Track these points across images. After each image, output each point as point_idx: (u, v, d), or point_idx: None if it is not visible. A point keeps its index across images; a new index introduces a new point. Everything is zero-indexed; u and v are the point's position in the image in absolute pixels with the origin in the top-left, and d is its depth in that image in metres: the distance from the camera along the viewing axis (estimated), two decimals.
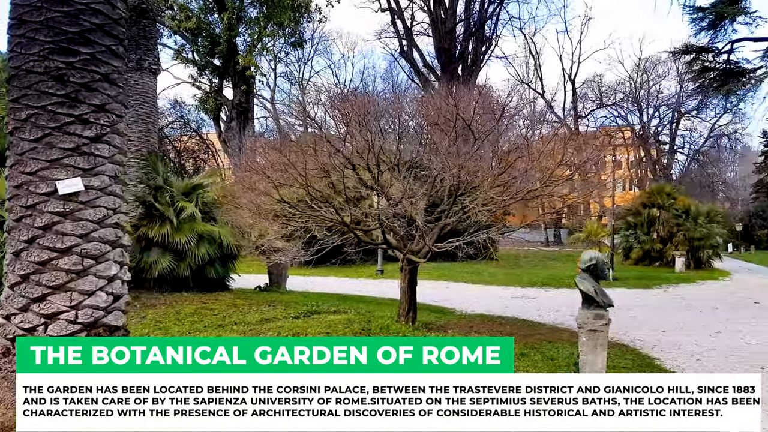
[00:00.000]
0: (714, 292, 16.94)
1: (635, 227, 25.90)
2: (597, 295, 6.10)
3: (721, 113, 51.27)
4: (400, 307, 9.27)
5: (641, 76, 52.64)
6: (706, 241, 23.71)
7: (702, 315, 12.23)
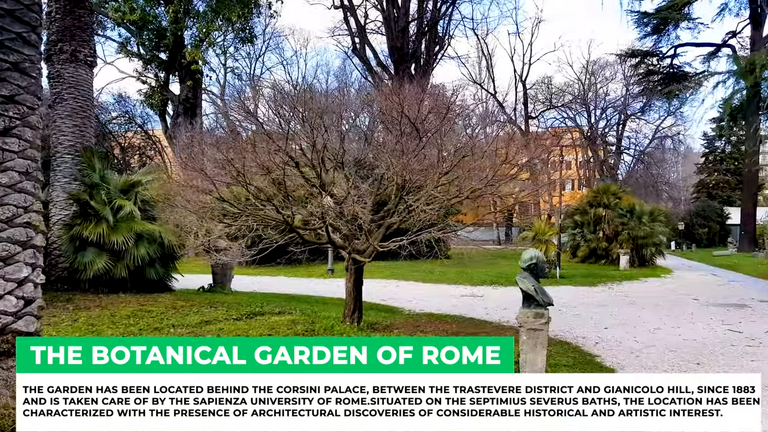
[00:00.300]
0: (656, 289, 17.39)
1: (582, 226, 26.46)
2: (537, 294, 6.10)
3: (665, 115, 53.27)
4: (345, 308, 9.11)
5: (589, 78, 54.09)
6: (649, 240, 24.40)
7: (643, 312, 12.49)
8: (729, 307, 13.17)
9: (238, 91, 22.60)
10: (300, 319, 9.37)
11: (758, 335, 9.74)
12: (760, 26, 37.33)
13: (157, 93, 29.76)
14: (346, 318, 8.95)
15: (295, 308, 10.65)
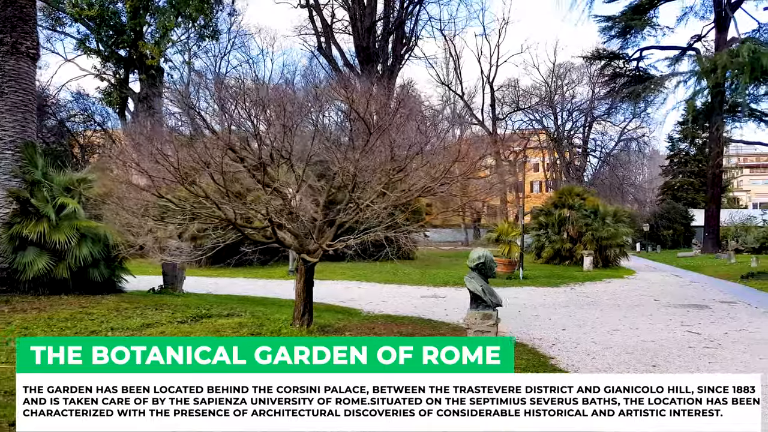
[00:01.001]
0: (618, 290, 17.41)
1: (547, 227, 26.51)
2: (485, 295, 5.87)
3: (630, 118, 53.93)
4: (295, 310, 8.77)
5: (556, 81, 54.53)
6: (613, 240, 24.54)
7: (603, 313, 12.42)
8: (689, 308, 13.18)
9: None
10: (248, 322, 9.01)
11: (717, 337, 9.69)
12: (725, 30, 37.96)
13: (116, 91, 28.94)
14: (295, 321, 8.62)
15: (246, 310, 10.28)
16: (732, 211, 53.68)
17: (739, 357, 8.20)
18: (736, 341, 9.35)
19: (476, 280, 5.97)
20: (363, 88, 8.81)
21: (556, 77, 54.48)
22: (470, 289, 5.88)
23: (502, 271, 19.60)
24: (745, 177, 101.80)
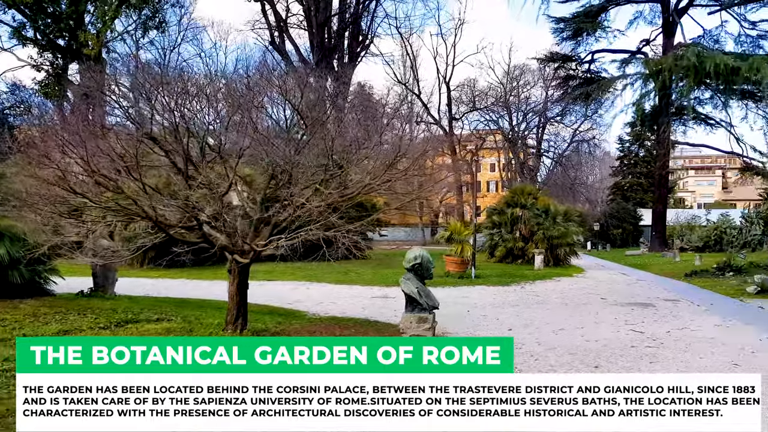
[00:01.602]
0: (567, 288, 17.46)
1: (500, 226, 26.57)
2: (420, 297, 5.56)
3: (582, 120, 54.95)
4: (227, 314, 8.29)
5: (511, 82, 55.07)
6: (563, 239, 24.74)
7: (550, 312, 12.33)
8: (634, 306, 13.24)
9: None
10: (177, 327, 8.51)
11: (659, 336, 9.66)
12: (672, 35, 38.93)
13: (53, 82, 27.57)
14: (228, 325, 8.15)
15: (178, 314, 9.74)
16: (678, 211, 55.23)
17: (680, 356, 8.14)
18: (678, 340, 9.34)
19: (412, 281, 5.66)
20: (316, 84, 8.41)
21: (511, 78, 55.09)
22: (405, 292, 5.56)
23: (454, 270, 19.46)
24: (691, 178, 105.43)
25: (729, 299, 14.86)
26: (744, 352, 8.42)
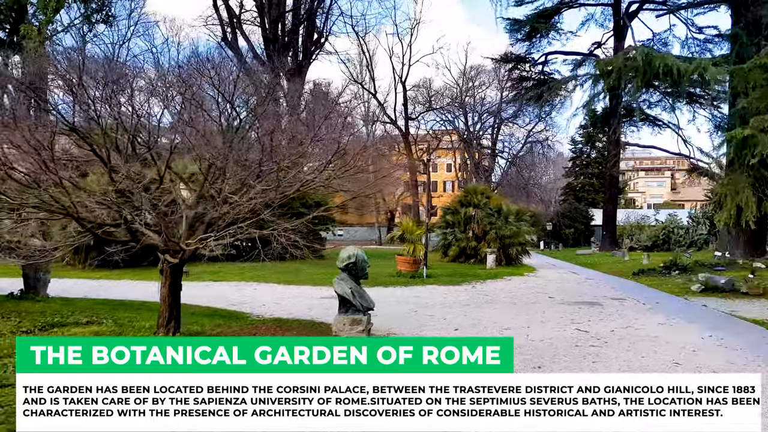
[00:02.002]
0: (517, 287, 17.51)
1: (453, 225, 26.60)
2: (354, 298, 5.32)
3: (536, 121, 55.74)
4: (159, 317, 7.86)
5: (467, 82, 55.43)
6: (515, 239, 24.92)
7: (498, 311, 12.29)
8: (581, 305, 13.31)
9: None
10: (107, 331, 8.05)
11: (604, 335, 9.66)
12: (623, 38, 39.80)
13: None
14: (160, 329, 7.73)
15: (112, 317, 9.24)
16: (628, 211, 56.71)
17: (622, 356, 8.13)
18: (622, 338, 9.36)
19: (345, 281, 5.41)
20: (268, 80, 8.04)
21: (467, 79, 55.45)
22: (338, 292, 5.31)
23: (406, 270, 19.32)
24: (641, 179, 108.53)
25: (674, 297, 15.14)
26: (686, 351, 8.47)
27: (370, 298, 5.50)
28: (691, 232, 39.70)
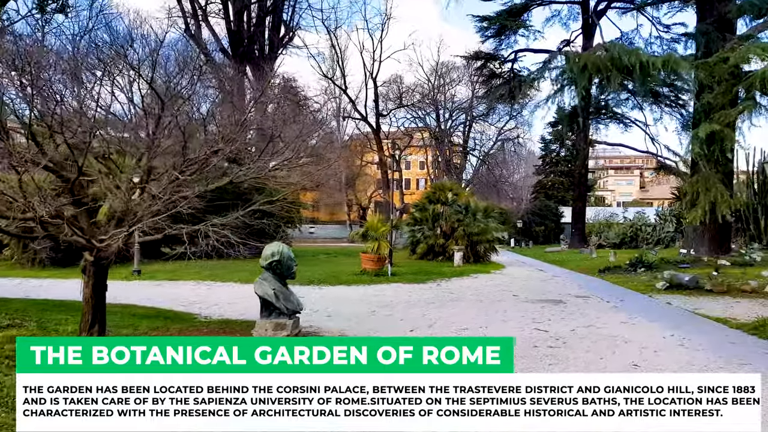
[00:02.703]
0: (482, 285, 17.17)
1: (422, 222, 26.18)
2: (278, 300, 4.78)
3: (507, 119, 55.72)
4: (81, 320, 7.22)
5: (438, 79, 55.07)
6: (483, 236, 24.58)
7: (459, 310, 11.90)
8: (545, 304, 12.99)
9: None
10: (26, 334, 7.40)
11: (563, 335, 9.31)
12: (591, 37, 39.83)
13: None
14: (82, 332, 7.09)
15: (39, 318, 8.58)
16: (597, 209, 57.05)
17: (581, 357, 7.77)
18: (583, 338, 9.03)
19: (269, 282, 4.88)
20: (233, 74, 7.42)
21: (438, 75, 55.04)
22: (259, 294, 4.75)
23: (370, 268, 18.81)
24: (611, 178, 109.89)
25: (639, 295, 14.94)
26: (647, 351, 8.15)
27: (297, 300, 4.97)
28: (658, 230, 39.93)
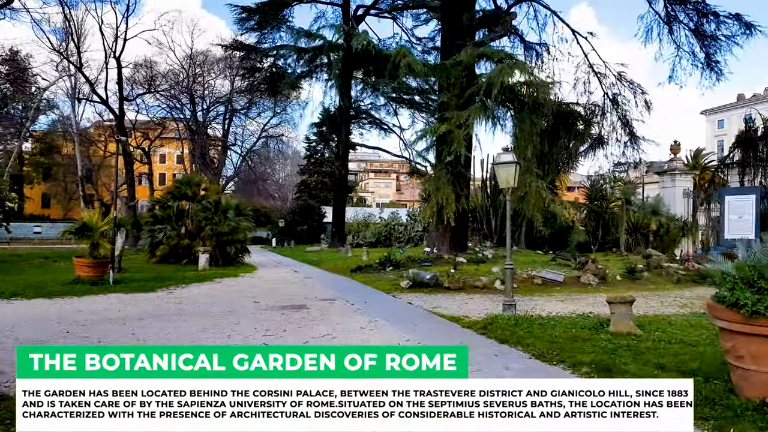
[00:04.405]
0: (224, 291, 15.57)
1: (163, 221, 23.46)
2: None
3: (271, 116, 54.51)
4: None
5: (195, 68, 51.40)
6: (234, 236, 22.82)
7: (178, 324, 10.18)
8: (286, 310, 11.91)
9: None
10: None
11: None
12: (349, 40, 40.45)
13: None
14: None
15: None
16: (357, 209, 59.08)
17: None
18: None
19: None
20: None
21: (195, 64, 51.30)
22: None
23: (87, 276, 15.70)
24: (372, 180, 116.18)
25: (384, 295, 14.77)
26: None
27: None
28: (409, 229, 42.32)
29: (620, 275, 17.30)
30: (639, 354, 7.54)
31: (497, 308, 11.54)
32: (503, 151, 12.19)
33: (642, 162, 26.08)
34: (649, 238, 26.79)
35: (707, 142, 72.50)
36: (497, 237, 28.13)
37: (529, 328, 9.42)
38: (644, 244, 26.53)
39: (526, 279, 16.41)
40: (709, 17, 20.63)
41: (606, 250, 27.17)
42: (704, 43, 21.14)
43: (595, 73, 23.37)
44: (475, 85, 18.54)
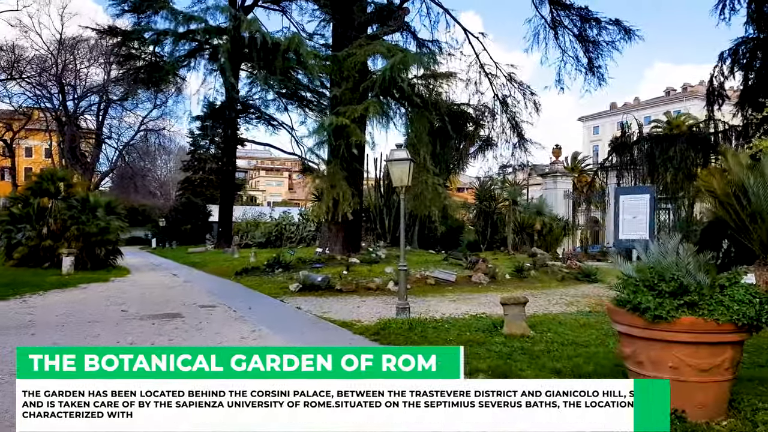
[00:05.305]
0: (88, 298, 13.94)
1: (22, 220, 20.91)
2: None
3: (151, 108, 51.13)
4: None
5: (65, 53, 47.07)
6: (105, 236, 20.75)
7: (23, 340, 8.75)
8: (158, 319, 10.74)
9: None
10: None
11: None
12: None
13: None
14: None
15: None
16: (246, 208, 56.83)
17: None
18: None
19: None
20: None
21: (66, 49, 46.97)
22: None
23: None
24: (263, 178, 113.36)
25: (271, 300, 13.91)
26: None
27: None
28: (301, 229, 41.31)
29: (509, 274, 17.55)
30: (534, 358, 7.32)
31: (391, 311, 11.07)
32: (397, 148, 11.75)
33: (528, 164, 26.93)
34: (534, 238, 27.83)
35: (584, 146, 77.55)
36: (391, 236, 27.96)
37: (423, 333, 9.03)
38: (529, 243, 27.51)
39: (419, 279, 16.18)
40: (591, 23, 21.55)
41: (494, 249, 27.85)
42: (587, 48, 22.07)
43: (486, 74, 23.74)
44: (369, 80, 18.11)
